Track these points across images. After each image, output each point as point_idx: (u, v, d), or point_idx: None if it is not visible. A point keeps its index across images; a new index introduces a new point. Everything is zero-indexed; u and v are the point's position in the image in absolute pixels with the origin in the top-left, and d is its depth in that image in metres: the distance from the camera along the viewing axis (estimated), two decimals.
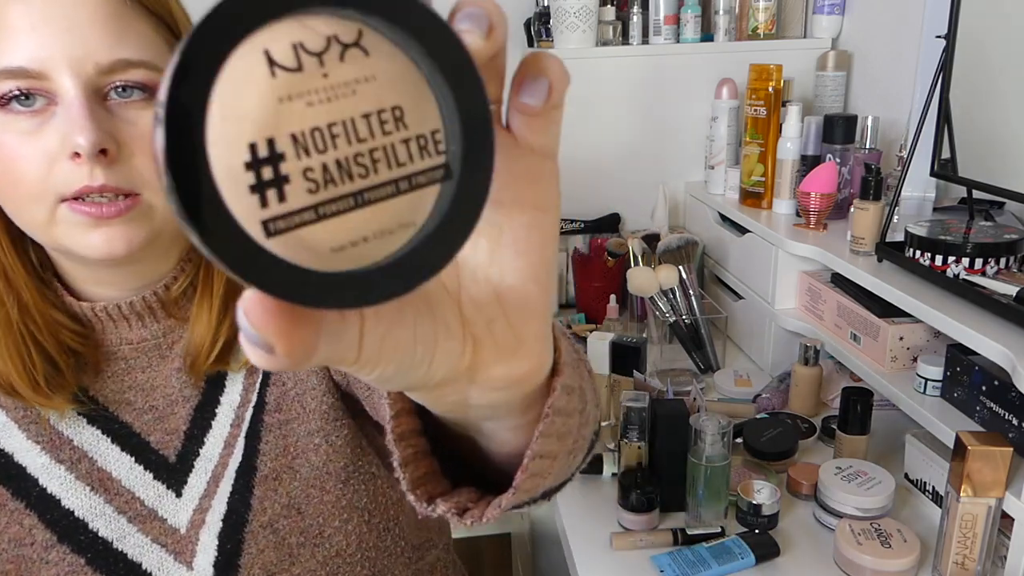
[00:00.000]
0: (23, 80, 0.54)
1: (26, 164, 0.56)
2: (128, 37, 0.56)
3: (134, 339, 0.66)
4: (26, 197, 0.57)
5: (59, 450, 0.66)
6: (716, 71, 1.61)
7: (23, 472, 0.65)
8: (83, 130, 0.54)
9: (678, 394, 1.19)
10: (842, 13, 1.62)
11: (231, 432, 0.69)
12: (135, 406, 0.67)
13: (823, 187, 1.26)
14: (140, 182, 0.58)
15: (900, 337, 1.06)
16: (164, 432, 0.68)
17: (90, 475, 0.66)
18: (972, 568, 0.83)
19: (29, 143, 0.55)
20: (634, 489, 0.97)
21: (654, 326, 1.39)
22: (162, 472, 0.68)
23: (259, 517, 0.68)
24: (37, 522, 0.65)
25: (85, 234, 0.57)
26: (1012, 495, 0.80)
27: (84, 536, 0.65)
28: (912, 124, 1.18)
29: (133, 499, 0.67)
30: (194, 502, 0.68)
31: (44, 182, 0.56)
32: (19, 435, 0.65)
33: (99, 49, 0.55)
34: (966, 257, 0.96)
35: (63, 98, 0.55)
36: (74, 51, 0.54)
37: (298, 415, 0.70)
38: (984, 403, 0.90)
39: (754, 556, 0.91)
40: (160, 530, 0.67)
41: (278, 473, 0.69)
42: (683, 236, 1.46)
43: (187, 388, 0.68)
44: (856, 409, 1.04)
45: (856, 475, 0.97)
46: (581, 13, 1.62)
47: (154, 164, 0.27)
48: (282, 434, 0.69)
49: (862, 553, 0.86)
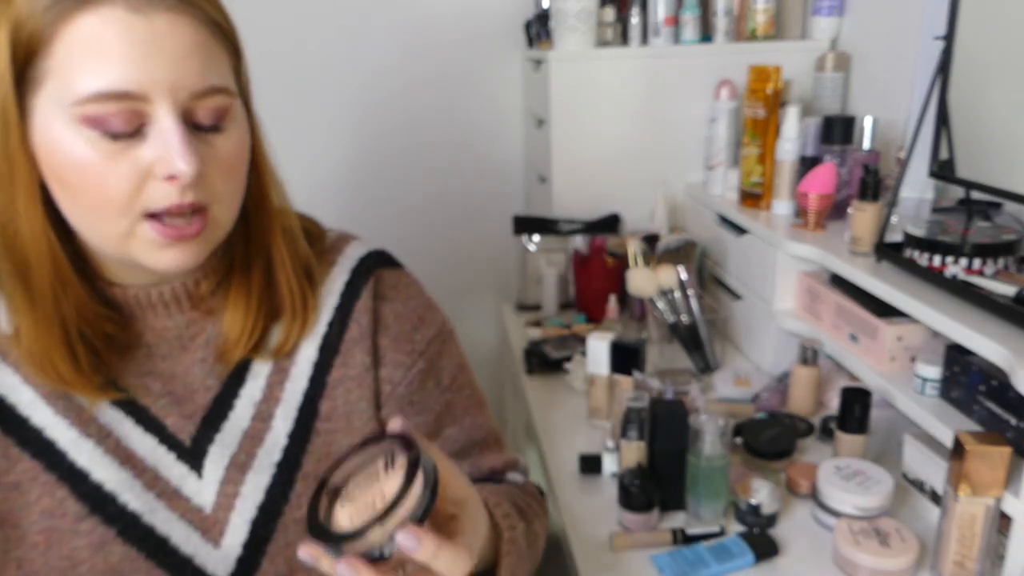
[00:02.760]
0: (125, 102, 0.56)
1: (115, 181, 0.58)
2: (214, 64, 0.60)
3: (158, 327, 0.70)
4: (110, 211, 0.59)
5: (87, 425, 0.67)
6: (715, 72, 1.61)
7: (53, 446, 0.67)
8: (183, 158, 0.58)
9: (678, 394, 1.19)
10: (841, 14, 1.62)
11: (252, 425, 0.72)
12: (152, 391, 0.70)
13: (822, 188, 1.26)
14: (212, 196, 0.62)
15: (899, 337, 1.06)
16: (180, 416, 0.70)
17: (117, 451, 0.68)
18: (971, 567, 0.83)
19: (119, 161, 0.58)
20: (634, 489, 0.97)
21: (654, 326, 1.39)
22: (183, 453, 0.70)
23: (294, 511, 0.72)
24: (68, 494, 0.66)
25: (160, 252, 0.61)
26: (1010, 495, 0.80)
27: (114, 508, 0.67)
28: (911, 125, 1.18)
29: (158, 477, 0.69)
30: (215, 485, 0.71)
31: (131, 199, 0.59)
32: (47, 410, 0.67)
33: (194, 77, 0.58)
34: (964, 257, 0.97)
35: (157, 121, 0.58)
36: (176, 78, 0.57)
37: (343, 428, 0.75)
38: (982, 403, 0.90)
39: (753, 555, 0.91)
40: (186, 508, 0.70)
41: (318, 474, 0.72)
42: (682, 237, 1.46)
43: (208, 378, 0.72)
44: (855, 409, 1.04)
45: (855, 475, 0.97)
46: (581, 15, 1.63)
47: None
48: (327, 441, 0.74)
49: (861, 552, 0.87)
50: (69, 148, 0.58)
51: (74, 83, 0.56)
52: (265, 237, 0.71)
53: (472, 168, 2.11)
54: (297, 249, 0.74)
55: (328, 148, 1.99)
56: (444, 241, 2.11)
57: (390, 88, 2.02)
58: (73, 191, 0.60)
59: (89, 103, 0.56)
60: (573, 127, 1.68)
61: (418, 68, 2.01)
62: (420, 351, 0.78)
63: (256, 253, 0.71)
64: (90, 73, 0.56)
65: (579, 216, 1.70)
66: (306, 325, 0.74)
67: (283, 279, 0.72)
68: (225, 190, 0.63)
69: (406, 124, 2.04)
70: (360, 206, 2.05)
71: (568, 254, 1.72)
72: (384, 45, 1.98)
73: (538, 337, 1.54)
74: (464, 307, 2.14)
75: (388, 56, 1.99)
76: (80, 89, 0.56)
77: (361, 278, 0.77)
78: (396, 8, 1.96)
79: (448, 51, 2.01)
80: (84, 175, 0.58)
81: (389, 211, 2.07)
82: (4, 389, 0.66)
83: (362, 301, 0.76)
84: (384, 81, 2.01)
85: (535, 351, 1.47)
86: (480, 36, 2.01)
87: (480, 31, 2.00)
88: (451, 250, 2.12)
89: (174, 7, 0.57)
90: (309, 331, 0.74)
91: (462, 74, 2.03)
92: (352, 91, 1.99)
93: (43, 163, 0.59)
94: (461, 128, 2.07)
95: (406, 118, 2.04)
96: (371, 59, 1.99)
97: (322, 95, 1.94)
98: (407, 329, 0.78)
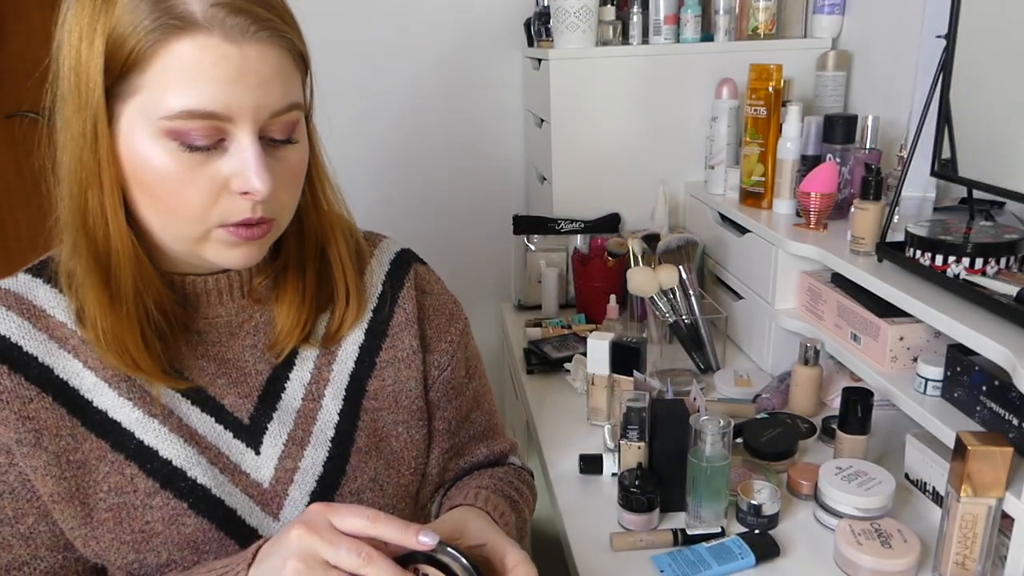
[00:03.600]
0: (210, 121, 0.60)
1: (194, 191, 0.63)
2: (292, 85, 0.65)
3: (210, 315, 0.74)
4: (186, 219, 0.64)
5: (150, 406, 0.71)
6: (716, 71, 1.61)
7: (119, 427, 0.70)
8: (261, 179, 0.62)
9: (678, 394, 1.19)
10: (842, 13, 1.62)
11: (304, 405, 0.77)
12: (208, 373, 0.74)
13: (823, 187, 1.26)
14: (278, 209, 0.68)
15: (900, 337, 1.06)
16: (237, 396, 0.75)
17: (180, 429, 0.72)
18: (972, 568, 0.83)
19: (197, 173, 0.62)
20: (634, 489, 0.97)
21: (654, 326, 1.39)
22: (240, 432, 0.74)
23: (350, 483, 0.77)
24: (138, 471, 0.70)
25: (230, 250, 0.67)
26: (1012, 495, 0.80)
27: (184, 483, 0.71)
28: (912, 124, 1.18)
29: (220, 453, 0.73)
30: (274, 460, 0.75)
31: (208, 210, 0.64)
32: (111, 393, 0.70)
33: (276, 99, 0.63)
34: (966, 257, 0.96)
35: (237, 140, 0.62)
36: (260, 101, 0.62)
37: (390, 406, 0.81)
38: (984, 403, 0.90)
39: (754, 556, 0.91)
40: (247, 483, 0.74)
41: (369, 449, 0.79)
42: (683, 236, 1.46)
43: (259, 363, 0.76)
44: (856, 409, 1.04)
45: (856, 475, 0.97)
46: (581, 13, 1.62)
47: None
48: (375, 418, 0.80)
49: (862, 553, 0.86)
50: (151, 157, 0.62)
51: (165, 99, 0.60)
52: (321, 237, 0.76)
53: (472, 168, 2.11)
54: (356, 248, 0.82)
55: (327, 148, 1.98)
56: (444, 240, 2.11)
57: (390, 87, 2.02)
58: (153, 197, 0.64)
59: (177, 119, 0.60)
60: (573, 126, 1.68)
61: (418, 67, 2.01)
62: (457, 342, 0.88)
63: (311, 252, 0.76)
64: (182, 93, 0.59)
65: (579, 216, 1.69)
66: (358, 316, 0.79)
67: (340, 277, 0.78)
68: (289, 199, 0.69)
69: (406, 123, 2.04)
70: (360, 205, 2.04)
71: (568, 254, 1.71)
72: (384, 44, 1.98)
73: (538, 337, 1.54)
74: (464, 306, 2.14)
75: (388, 55, 1.99)
76: (170, 105, 0.59)
77: (401, 270, 0.85)
78: (396, 7, 1.95)
79: (448, 50, 2.00)
80: (165, 183, 0.62)
81: (389, 210, 2.07)
82: (67, 374, 0.69)
83: (406, 290, 0.84)
84: (384, 80, 2.01)
85: (535, 351, 1.47)
86: (480, 35, 2.00)
87: (480, 30, 2.00)
88: (451, 250, 2.12)
89: (265, 39, 0.61)
90: (360, 320, 0.80)
91: (462, 73, 2.03)
92: (352, 90, 1.99)
93: (126, 168, 0.63)
94: (461, 127, 2.07)
95: (406, 117, 2.04)
96: (371, 58, 1.98)
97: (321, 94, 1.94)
98: (444, 321, 0.87)
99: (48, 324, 0.70)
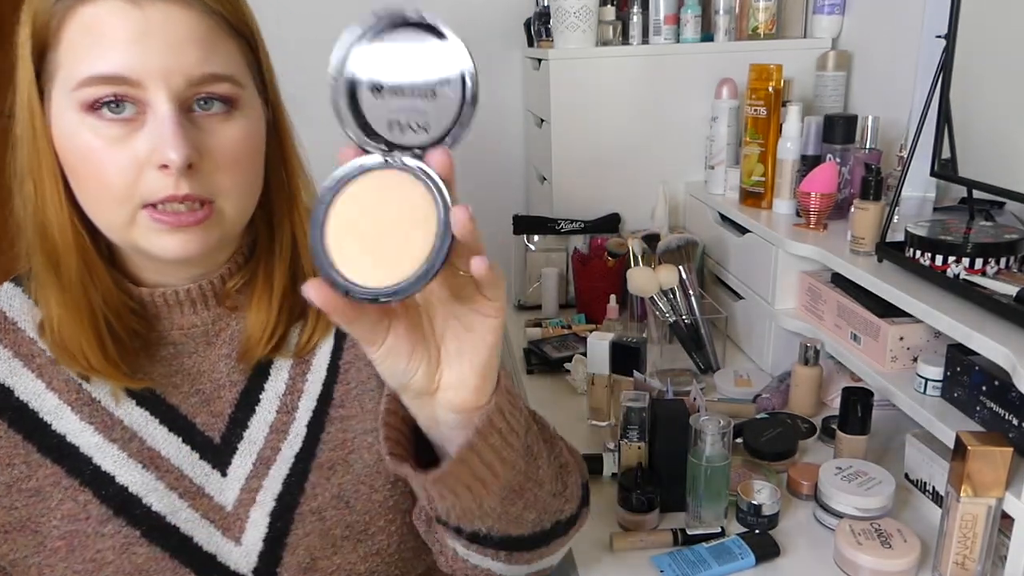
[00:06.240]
0: (119, 87, 0.58)
1: (114, 169, 0.59)
2: (217, 54, 0.61)
3: (185, 325, 0.71)
4: (110, 200, 0.61)
5: (111, 430, 0.69)
6: (716, 71, 1.61)
7: (76, 451, 0.68)
8: (175, 146, 0.58)
9: (678, 394, 1.19)
10: (842, 13, 1.62)
11: (278, 419, 0.73)
12: (181, 389, 0.71)
13: (823, 187, 1.26)
14: (216, 190, 0.63)
15: (900, 337, 1.06)
16: (209, 414, 0.72)
17: (141, 453, 0.69)
18: (972, 568, 0.83)
19: (117, 149, 0.59)
20: (634, 489, 0.97)
21: (654, 326, 1.39)
22: (207, 452, 0.71)
23: (309, 502, 0.72)
24: (92, 498, 0.67)
25: (162, 238, 0.62)
26: (1012, 495, 0.80)
27: (139, 510, 0.68)
28: (912, 124, 1.18)
29: (182, 476, 0.70)
30: (240, 482, 0.71)
31: (130, 188, 0.60)
32: (72, 417, 0.68)
33: (191, 64, 0.59)
34: (966, 257, 0.96)
35: (154, 109, 0.59)
36: (170, 64, 0.58)
37: (356, 413, 0.74)
38: (984, 403, 0.90)
39: (754, 556, 0.91)
40: (208, 506, 0.70)
41: (333, 464, 0.73)
42: (683, 236, 1.46)
43: (234, 373, 0.72)
44: (856, 409, 1.04)
45: (856, 475, 0.97)
46: (581, 13, 1.62)
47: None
48: (342, 428, 0.74)
49: (862, 553, 0.86)
50: (73, 135, 0.60)
51: (75, 69, 0.58)
52: (292, 237, 0.72)
53: (472, 167, 2.10)
54: None
55: (326, 148, 1.98)
56: None
57: None
58: (80, 179, 0.62)
59: (85, 86, 0.58)
60: (573, 126, 1.68)
61: None
62: None
63: (281, 253, 0.72)
64: (87, 58, 0.58)
65: (579, 216, 1.69)
66: (330, 325, 0.74)
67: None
68: (230, 182, 0.63)
69: None
70: None
71: (568, 254, 1.71)
72: None
73: (538, 337, 1.54)
74: None
75: None
76: (78, 74, 0.58)
77: None
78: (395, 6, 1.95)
79: None
80: (87, 163, 0.60)
81: None
82: (28, 395, 0.68)
83: None
84: None
85: (535, 351, 1.47)
86: (480, 35, 2.00)
87: (480, 30, 2.00)
88: None
89: (172, 1, 0.59)
90: (331, 330, 0.75)
91: None
92: None
93: (59, 152, 0.61)
94: None
95: None
96: None
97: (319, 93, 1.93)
98: None
99: (16, 340, 0.68)
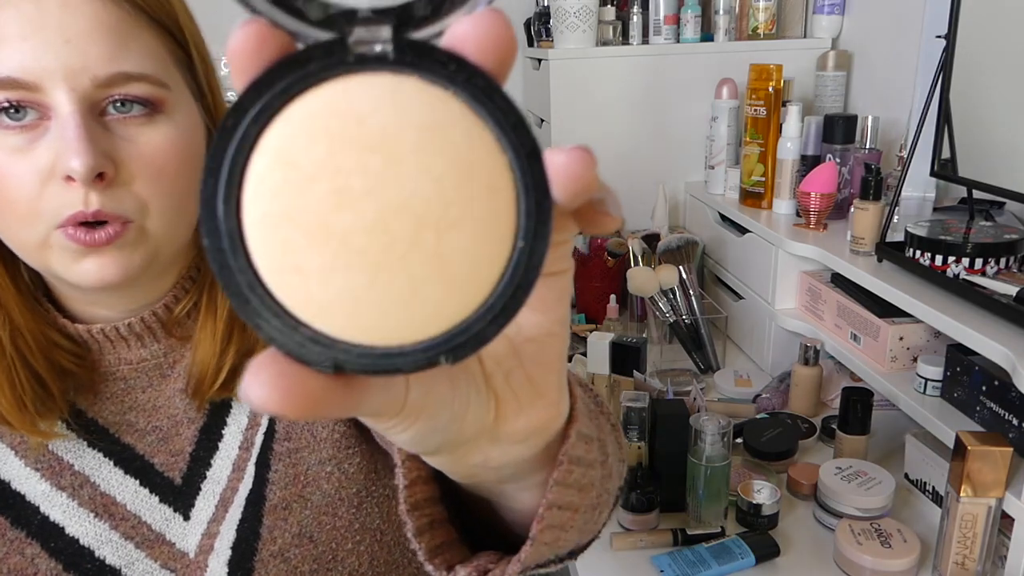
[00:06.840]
0: (13, 91, 0.50)
1: (16, 183, 0.51)
2: (130, 49, 0.52)
3: (133, 359, 0.63)
4: (15, 219, 0.53)
5: (60, 476, 0.62)
6: (716, 71, 1.61)
7: (22, 500, 0.62)
8: (78, 153, 0.50)
9: (678, 394, 1.19)
10: (842, 13, 1.62)
11: (240, 455, 0.66)
12: (137, 427, 0.64)
13: (823, 187, 1.26)
14: (135, 206, 0.54)
15: (900, 337, 1.06)
16: (169, 453, 0.65)
17: (93, 500, 0.63)
18: (972, 568, 0.83)
19: (19, 161, 0.51)
20: (634, 489, 0.97)
21: (654, 326, 1.39)
22: (168, 495, 0.65)
23: (269, 546, 0.65)
24: (40, 551, 0.62)
25: (77, 261, 0.54)
26: (1012, 495, 0.80)
27: (91, 564, 0.62)
28: (912, 124, 1.18)
29: (140, 523, 0.64)
30: (203, 526, 0.65)
31: (35, 204, 0.52)
32: (16, 462, 0.62)
33: (98, 61, 0.51)
34: (966, 257, 0.96)
35: (57, 113, 0.51)
36: (71, 62, 0.50)
37: (308, 443, 0.67)
38: (984, 403, 0.90)
39: (754, 556, 0.91)
40: (169, 555, 0.64)
41: (288, 503, 0.66)
42: (683, 236, 1.46)
43: (191, 409, 0.65)
44: (856, 409, 1.04)
45: (856, 475, 0.97)
46: (581, 13, 1.62)
47: None
48: (292, 463, 0.66)
49: (862, 553, 0.86)
50: None
51: None
52: None
53: None
54: None
55: None
56: None
57: None
58: None
59: None
60: (573, 126, 1.68)
61: None
62: None
63: None
64: None
65: None
66: None
67: None
68: (151, 195, 0.54)
69: None
70: None
71: None
72: None
73: None
74: None
75: None
76: None
77: None
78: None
79: None
80: None
81: None
82: None
83: None
84: None
85: None
86: None
87: None
88: None
89: None
90: None
91: None
92: None
93: None
94: None
95: None
96: None
97: None
98: None
99: None
